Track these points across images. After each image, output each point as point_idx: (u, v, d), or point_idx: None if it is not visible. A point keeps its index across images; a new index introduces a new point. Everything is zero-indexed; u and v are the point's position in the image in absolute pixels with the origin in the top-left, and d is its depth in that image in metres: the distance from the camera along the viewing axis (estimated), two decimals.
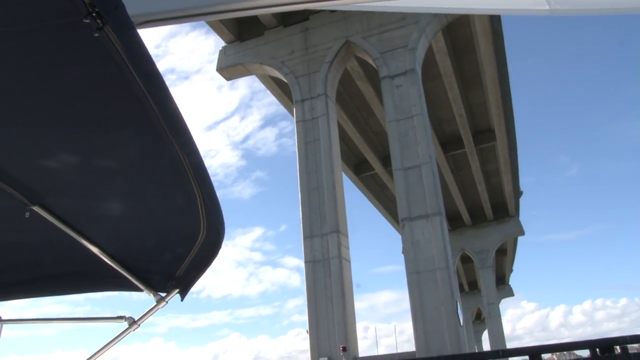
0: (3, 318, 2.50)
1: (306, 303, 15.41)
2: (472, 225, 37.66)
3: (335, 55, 17.58)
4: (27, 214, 1.93)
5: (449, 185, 31.73)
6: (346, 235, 16.20)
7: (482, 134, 27.94)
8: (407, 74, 16.23)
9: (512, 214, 36.37)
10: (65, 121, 1.59)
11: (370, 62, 17.44)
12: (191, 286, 2.47)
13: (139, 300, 2.51)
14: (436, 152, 28.31)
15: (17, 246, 2.33)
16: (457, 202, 34.11)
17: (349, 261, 16.05)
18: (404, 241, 14.85)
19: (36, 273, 2.51)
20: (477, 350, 44.19)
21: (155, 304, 2.45)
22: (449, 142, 28.72)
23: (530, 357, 11.14)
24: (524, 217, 36.97)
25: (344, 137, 25.22)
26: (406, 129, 15.73)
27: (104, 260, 2.24)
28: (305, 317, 15.24)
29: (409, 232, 14.80)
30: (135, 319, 2.43)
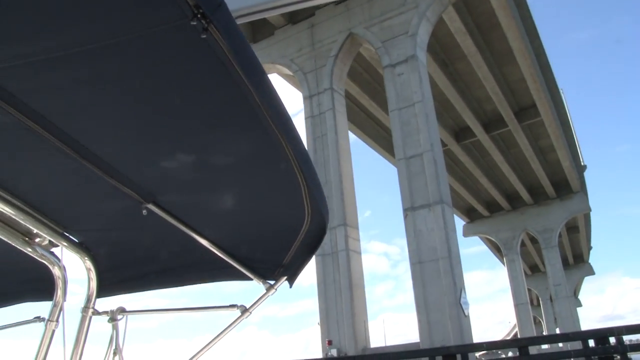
0: (127, 309, 2.66)
1: (317, 295, 15.74)
2: (534, 204, 36.06)
3: (340, 48, 17.57)
4: (144, 212, 2.06)
5: (499, 164, 30.63)
6: (356, 228, 16.29)
7: (527, 110, 26.70)
8: (408, 61, 15.95)
9: (576, 189, 34.42)
10: (175, 122, 1.67)
11: (373, 53, 17.28)
12: (299, 273, 2.54)
13: (247, 288, 2.71)
14: (478, 133, 27.47)
15: (135, 242, 2.50)
16: (512, 181, 32.84)
17: (358, 253, 16.15)
18: (407, 231, 14.74)
19: (154, 267, 2.66)
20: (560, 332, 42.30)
21: (265, 291, 2.56)
22: (492, 122, 27.71)
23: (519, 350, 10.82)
24: (593, 192, 34.73)
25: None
26: (408, 117, 15.51)
27: (215, 253, 2.36)
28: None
29: (411, 222, 14.66)
30: (247, 307, 2.54)
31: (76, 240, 2.44)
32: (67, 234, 2.38)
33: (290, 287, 2.60)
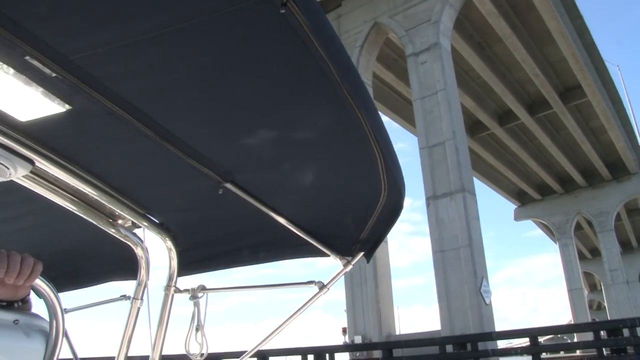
0: (207, 287, 2.77)
1: (344, 283, 16.14)
2: (589, 186, 34.75)
3: (365, 38, 17.67)
4: (221, 191, 2.08)
5: (547, 147, 29.74)
6: None
7: (573, 90, 25.76)
8: (431, 49, 15.89)
9: (633, 170, 32.86)
10: (252, 100, 1.67)
11: (398, 42, 17.28)
12: (375, 248, 2.52)
13: None
14: (522, 116, 26.77)
15: (213, 222, 2.53)
16: (563, 164, 31.80)
17: (384, 242, 16.37)
18: (429, 220, 14.83)
19: (232, 245, 2.70)
20: None
21: (342, 267, 2.56)
22: (536, 104, 26.92)
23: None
24: None
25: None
26: (430, 106, 15.50)
27: (291, 230, 2.36)
28: None
29: (433, 211, 14.74)
30: (325, 283, 2.55)
31: (157, 221, 2.52)
32: (149, 215, 2.46)
33: (368, 262, 2.62)
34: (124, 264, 2.71)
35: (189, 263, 2.71)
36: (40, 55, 1.41)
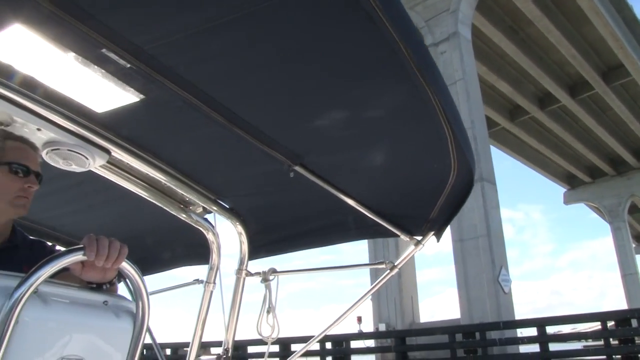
0: (278, 270, 2.74)
1: (369, 272, 16.53)
2: None
3: None
4: (292, 174, 2.06)
5: (593, 128, 28.72)
6: None
7: (616, 69, 24.76)
8: (450, 39, 15.89)
9: None
10: (322, 81, 1.65)
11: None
12: (445, 227, 2.50)
13: None
14: (562, 98, 26.00)
15: (283, 205, 2.55)
16: (611, 145, 30.62)
17: None
18: None
19: (301, 228, 2.71)
20: None
21: (412, 247, 2.55)
22: (577, 85, 26.05)
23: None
24: None
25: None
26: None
27: (361, 211, 2.34)
28: None
29: None
30: (395, 263, 2.56)
31: (227, 206, 2.54)
32: (219, 201, 2.49)
33: (438, 241, 2.58)
34: (196, 249, 2.76)
35: (258, 247, 2.75)
36: (115, 47, 1.44)
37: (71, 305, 1.31)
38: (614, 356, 9.94)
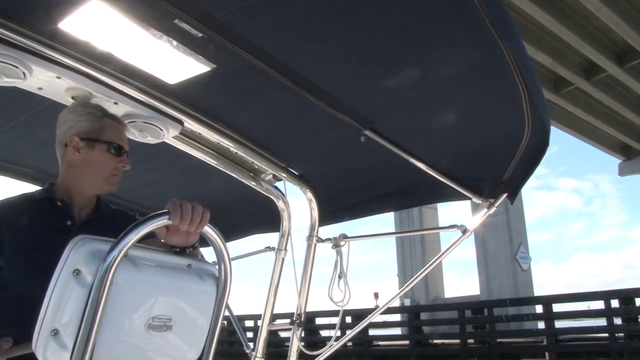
0: (348, 235, 2.69)
1: (395, 247, 17.07)
2: None
3: None
4: (362, 139, 2.04)
5: None
6: None
7: None
8: None
9: None
10: (392, 42, 1.61)
11: None
12: (519, 189, 2.43)
13: None
14: (608, 67, 25.07)
15: (352, 170, 2.51)
16: None
17: (433, 209, 16.95)
18: None
19: (371, 193, 2.68)
20: None
21: (485, 210, 2.49)
22: (625, 52, 25.00)
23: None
24: None
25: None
26: None
27: (432, 175, 2.29)
28: None
29: None
30: (467, 227, 2.49)
31: (297, 173, 2.53)
32: (289, 168, 2.48)
33: (512, 203, 2.55)
34: (266, 216, 2.76)
35: (329, 213, 2.74)
36: (187, 17, 1.44)
37: (158, 268, 1.33)
38: (616, 334, 10.09)
